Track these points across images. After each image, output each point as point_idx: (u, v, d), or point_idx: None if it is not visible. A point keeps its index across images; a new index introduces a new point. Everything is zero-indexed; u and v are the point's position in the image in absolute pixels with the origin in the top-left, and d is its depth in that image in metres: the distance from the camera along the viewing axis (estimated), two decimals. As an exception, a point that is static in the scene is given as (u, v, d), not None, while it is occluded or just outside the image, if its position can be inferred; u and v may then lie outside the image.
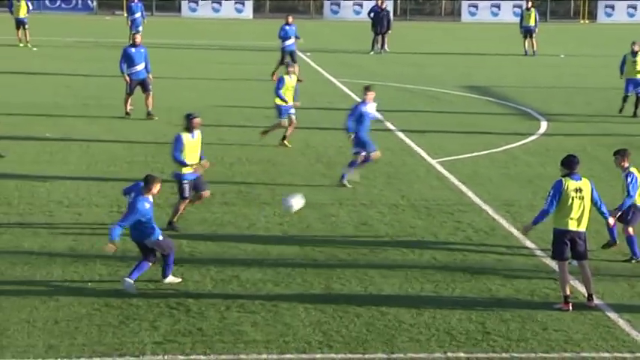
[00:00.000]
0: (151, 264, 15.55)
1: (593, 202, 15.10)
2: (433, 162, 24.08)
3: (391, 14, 51.07)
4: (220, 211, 19.70)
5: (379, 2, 48.67)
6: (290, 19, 38.38)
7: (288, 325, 14.18)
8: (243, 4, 66.99)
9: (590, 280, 15.06)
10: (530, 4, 49.34)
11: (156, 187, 15.51)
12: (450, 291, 15.69)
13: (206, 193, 18.79)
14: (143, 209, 15.22)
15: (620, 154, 17.30)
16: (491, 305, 15.05)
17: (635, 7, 68.58)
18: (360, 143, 21.66)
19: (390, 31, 47.93)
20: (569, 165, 15.03)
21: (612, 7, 68.80)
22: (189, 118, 18.61)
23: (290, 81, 25.40)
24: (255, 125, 27.61)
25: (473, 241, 18.16)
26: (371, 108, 21.81)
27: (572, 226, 14.87)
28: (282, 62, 36.68)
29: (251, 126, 27.88)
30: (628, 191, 16.92)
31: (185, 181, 18.39)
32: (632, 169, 17.12)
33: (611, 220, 16.00)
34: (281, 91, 25.23)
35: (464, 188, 21.82)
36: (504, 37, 54.28)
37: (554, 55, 47.13)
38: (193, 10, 66.31)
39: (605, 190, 18.24)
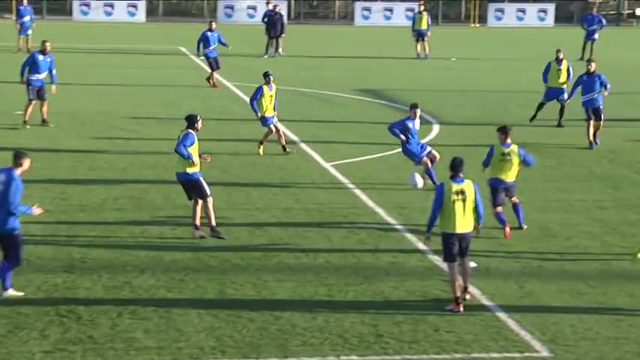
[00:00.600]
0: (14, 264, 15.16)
1: (474, 205, 15.29)
2: (327, 165, 24.15)
3: (285, 18, 51.11)
4: (112, 217, 19.47)
5: (270, 6, 48.77)
6: (213, 25, 37.63)
7: (180, 331, 14.07)
8: (135, 7, 66.39)
9: (467, 274, 15.39)
10: (422, 7, 49.90)
11: (27, 163, 15.19)
12: (344, 294, 15.74)
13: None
14: (21, 185, 14.93)
15: (504, 130, 18.74)
16: (384, 308, 15.15)
17: (524, 11, 69.88)
18: (412, 154, 22.36)
19: (284, 35, 48.00)
20: (452, 167, 15.34)
21: (502, 10, 70.00)
22: (196, 118, 18.50)
23: (268, 91, 25.18)
24: (147, 131, 27.35)
25: (366, 244, 18.25)
26: (417, 124, 22.59)
27: (458, 228, 15.12)
28: (212, 69, 36.47)
29: (144, 134, 27.64)
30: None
31: (202, 178, 18.32)
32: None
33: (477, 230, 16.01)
34: (256, 101, 25.03)
35: (357, 191, 21.94)
36: (397, 40, 54.81)
37: (446, 59, 47.70)
38: (85, 13, 65.50)
39: (495, 191, 18.53)
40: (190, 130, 18.38)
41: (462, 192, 15.10)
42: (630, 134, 28.97)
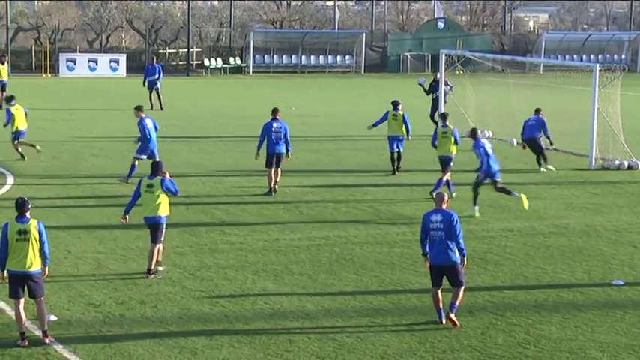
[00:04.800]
0: None
1: (40, 244, 15.48)
2: None
3: None
4: None
5: None
6: None
7: None
8: None
9: (44, 317, 15.61)
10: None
11: None
12: None
13: None
14: None
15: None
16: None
17: (96, 62, 70.21)
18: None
19: None
20: (16, 207, 15.66)
21: (74, 61, 69.96)
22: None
23: None
24: None
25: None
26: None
27: (22, 266, 15.40)
28: None
29: None
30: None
31: None
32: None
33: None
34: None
35: None
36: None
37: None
38: None
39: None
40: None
41: (25, 232, 15.39)
42: (207, 181, 29.86)
